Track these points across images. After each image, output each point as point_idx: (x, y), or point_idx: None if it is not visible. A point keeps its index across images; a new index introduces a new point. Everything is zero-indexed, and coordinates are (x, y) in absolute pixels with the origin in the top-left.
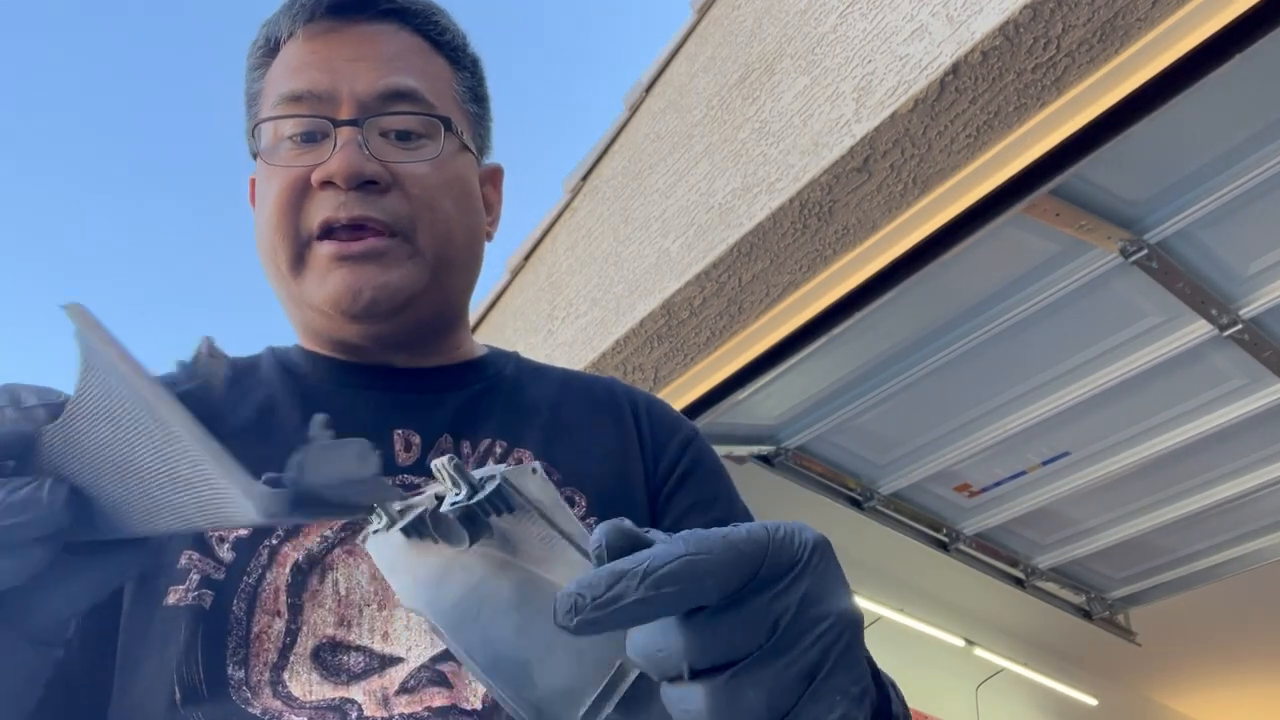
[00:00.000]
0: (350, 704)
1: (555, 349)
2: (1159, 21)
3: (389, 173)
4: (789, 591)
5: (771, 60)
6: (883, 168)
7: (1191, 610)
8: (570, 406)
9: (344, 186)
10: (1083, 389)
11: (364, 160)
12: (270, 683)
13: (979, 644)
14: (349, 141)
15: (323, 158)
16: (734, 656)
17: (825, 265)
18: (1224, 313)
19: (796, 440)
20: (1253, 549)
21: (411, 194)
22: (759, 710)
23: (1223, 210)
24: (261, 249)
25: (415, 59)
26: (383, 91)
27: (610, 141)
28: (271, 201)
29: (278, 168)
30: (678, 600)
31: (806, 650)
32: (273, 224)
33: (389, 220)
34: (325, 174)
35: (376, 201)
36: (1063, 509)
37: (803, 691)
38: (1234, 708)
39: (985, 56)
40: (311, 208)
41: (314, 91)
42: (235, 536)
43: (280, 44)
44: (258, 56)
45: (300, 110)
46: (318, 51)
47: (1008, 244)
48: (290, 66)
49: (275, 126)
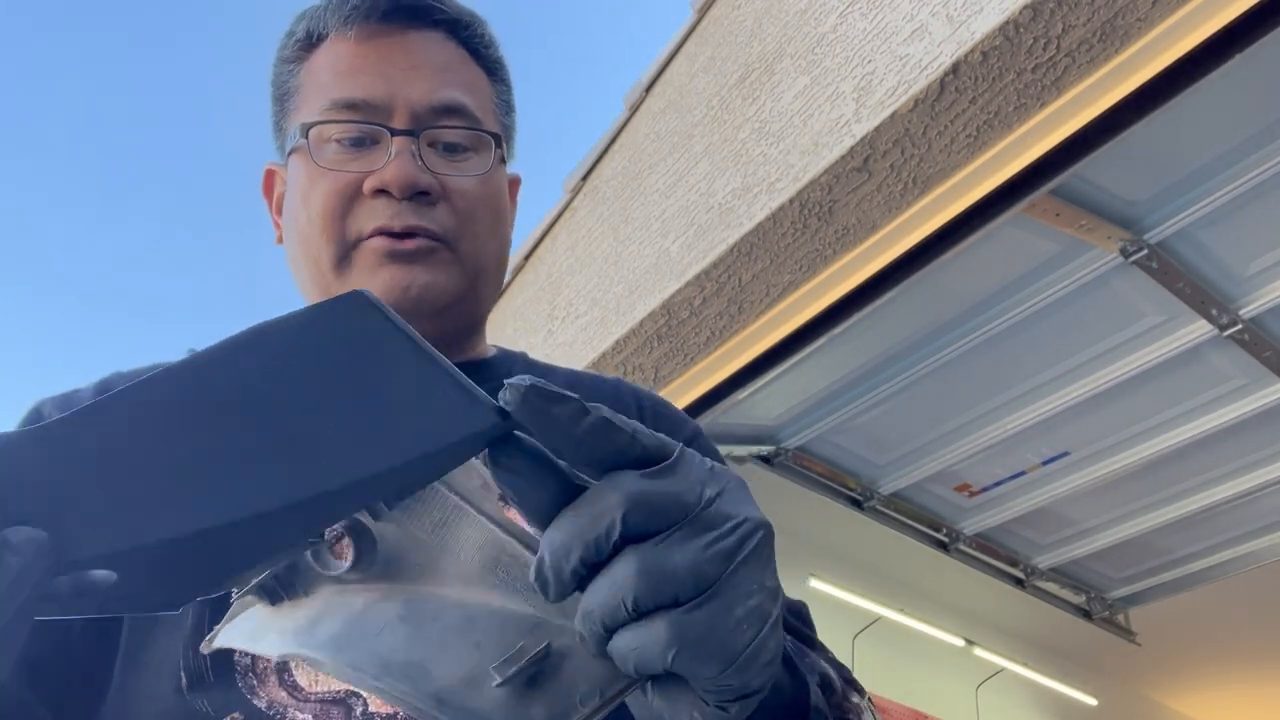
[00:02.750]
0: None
1: (555, 349)
2: (1159, 21)
3: (440, 185)
4: (711, 480)
5: (771, 60)
6: (883, 168)
7: (1191, 610)
8: None
9: (398, 196)
10: (1083, 389)
11: (419, 171)
12: (276, 670)
13: (979, 644)
14: (404, 151)
15: (373, 164)
16: (667, 522)
17: (825, 265)
18: (1224, 313)
19: (796, 440)
20: (1252, 549)
21: (458, 207)
22: (683, 576)
23: (1222, 210)
24: (299, 244)
25: (463, 71)
26: (436, 104)
27: (610, 141)
28: (319, 203)
29: (324, 170)
30: (608, 434)
31: (727, 534)
32: (319, 225)
33: (438, 231)
34: (380, 182)
35: (428, 212)
36: (1062, 509)
37: (723, 570)
38: (1234, 708)
39: (985, 56)
40: (362, 213)
41: (369, 100)
42: None
43: (320, 40)
44: (293, 49)
45: (355, 117)
46: (369, 57)
47: (1008, 244)
48: (340, 69)
49: (322, 127)
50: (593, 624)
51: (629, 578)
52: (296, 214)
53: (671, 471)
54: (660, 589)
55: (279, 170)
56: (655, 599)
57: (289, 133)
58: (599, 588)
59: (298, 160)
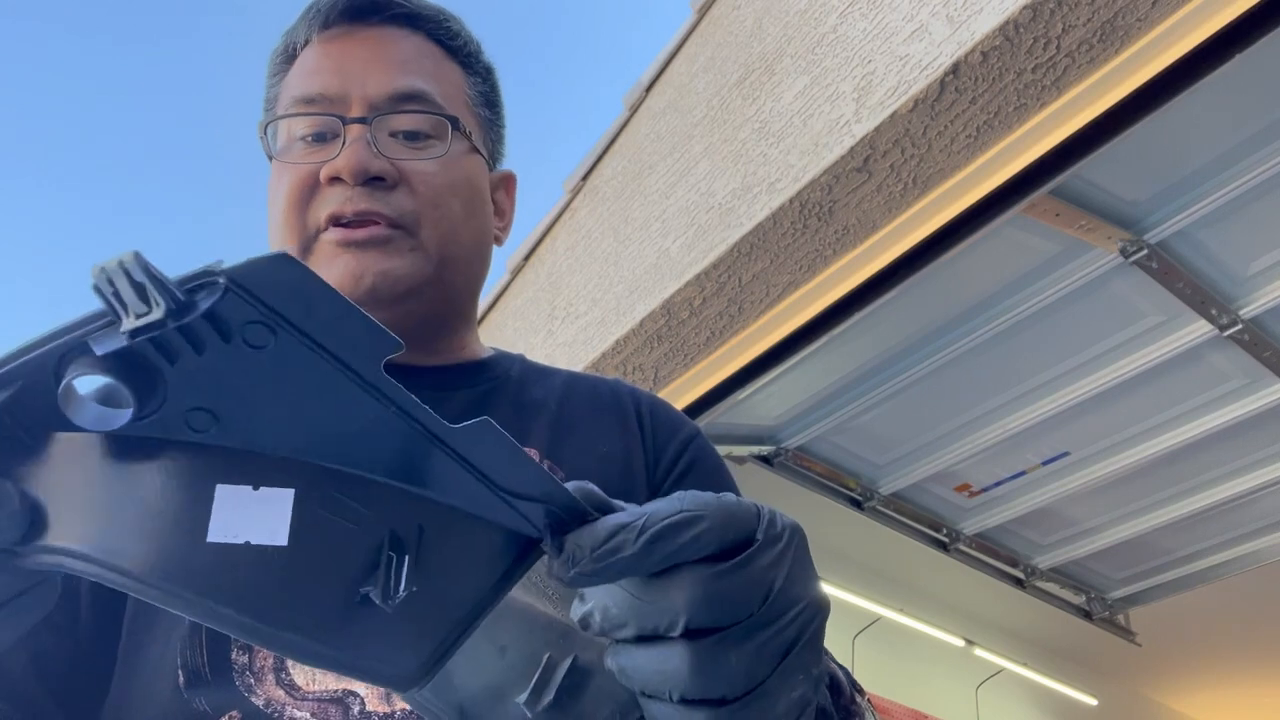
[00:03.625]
0: (353, 696)
1: (555, 349)
2: (1159, 22)
3: (396, 170)
4: (780, 563)
5: (771, 60)
6: (883, 168)
7: (1191, 610)
8: (575, 406)
9: (351, 182)
10: (1083, 389)
11: (371, 156)
12: (274, 669)
13: (979, 644)
14: (357, 139)
15: (332, 155)
16: (731, 619)
17: (825, 265)
18: (1224, 313)
19: (796, 440)
20: (1252, 549)
21: (418, 191)
22: (737, 677)
23: (1223, 210)
24: (272, 241)
25: (427, 62)
26: (393, 93)
27: (610, 142)
28: (282, 197)
29: (288, 165)
30: (674, 553)
31: (787, 626)
32: (282, 218)
33: (394, 215)
34: (333, 170)
35: (383, 198)
36: (1063, 509)
37: (776, 665)
38: (1234, 708)
39: (985, 57)
40: (319, 203)
41: (325, 94)
42: None
43: (298, 50)
44: (277, 63)
45: (311, 110)
46: (331, 55)
47: (1008, 244)
48: (304, 70)
49: (288, 127)
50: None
51: (681, 673)
52: (270, 212)
53: (745, 566)
54: (711, 688)
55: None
56: (704, 695)
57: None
58: (646, 661)
59: (273, 163)
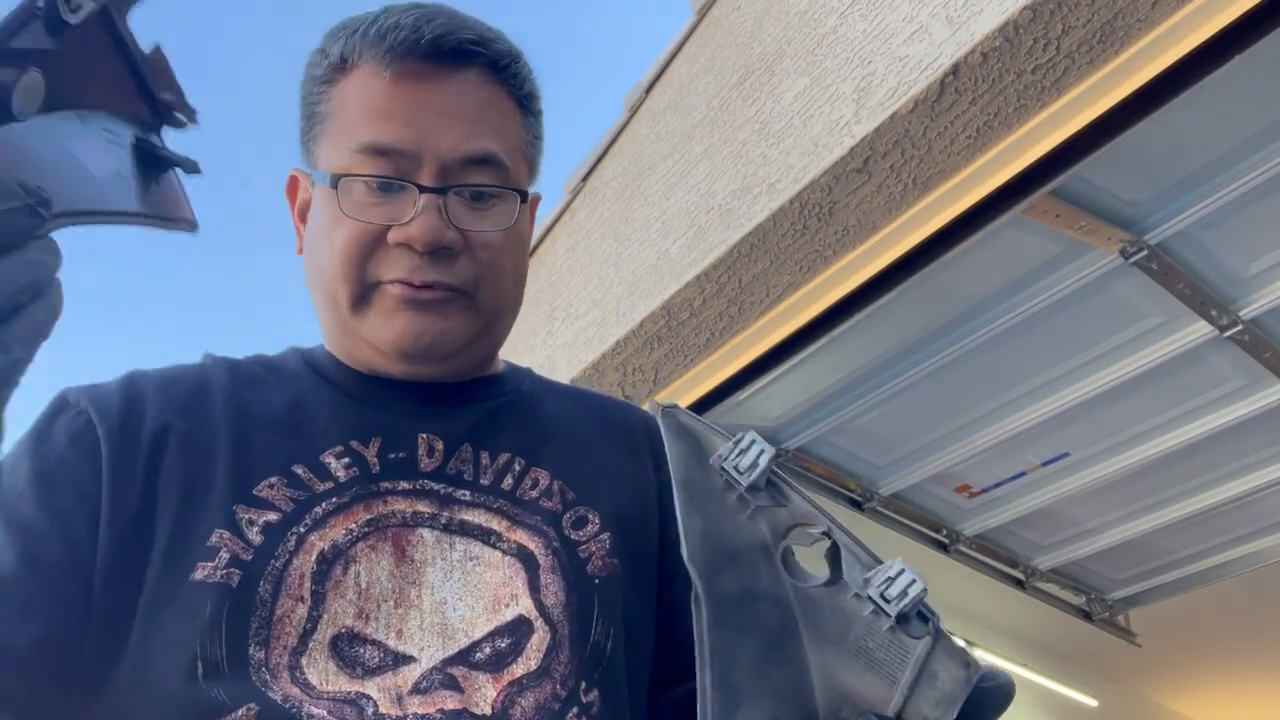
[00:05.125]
0: (365, 699)
1: (555, 350)
2: (1159, 22)
3: (463, 239)
4: None
5: (771, 61)
6: (883, 169)
7: (1191, 611)
8: (586, 426)
9: (421, 251)
10: (1083, 390)
11: (444, 228)
12: (289, 666)
13: (979, 645)
14: (430, 208)
15: (398, 214)
16: None
17: (825, 266)
18: (1224, 314)
19: (796, 441)
20: (1253, 550)
21: (479, 258)
22: None
23: (1223, 211)
24: (319, 277)
25: (495, 116)
26: (466, 155)
27: (610, 143)
28: (340, 247)
29: (347, 217)
30: None
31: None
32: (338, 267)
33: (457, 283)
34: (405, 237)
35: (448, 267)
36: (1063, 510)
37: None
38: (1234, 708)
39: (985, 57)
40: (383, 262)
41: (398, 147)
42: (265, 521)
43: (352, 66)
44: (325, 70)
45: (384, 165)
46: (402, 99)
47: (1007, 245)
48: (372, 108)
49: (349, 163)
50: None
51: None
52: (318, 245)
53: None
54: None
55: (303, 177)
56: None
57: (316, 156)
58: None
59: (323, 195)
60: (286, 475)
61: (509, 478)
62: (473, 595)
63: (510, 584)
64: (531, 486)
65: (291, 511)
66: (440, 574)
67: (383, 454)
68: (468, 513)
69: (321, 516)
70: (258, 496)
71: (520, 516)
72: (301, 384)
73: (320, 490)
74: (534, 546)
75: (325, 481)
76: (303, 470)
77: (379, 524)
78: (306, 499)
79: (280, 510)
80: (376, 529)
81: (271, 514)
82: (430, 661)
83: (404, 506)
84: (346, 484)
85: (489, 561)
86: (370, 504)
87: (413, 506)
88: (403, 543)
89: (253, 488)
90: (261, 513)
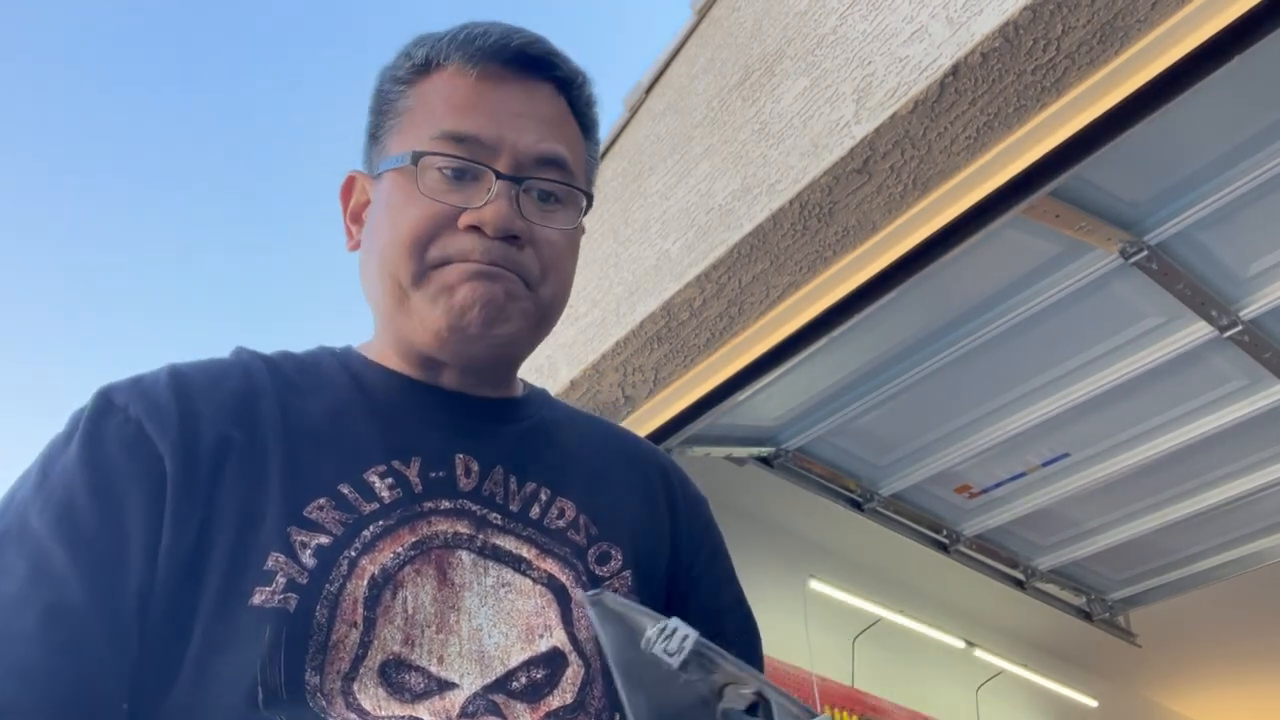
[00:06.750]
0: None
1: (555, 349)
2: (1159, 23)
3: (530, 232)
4: None
5: (771, 62)
6: (883, 169)
7: (1191, 611)
8: (603, 458)
9: (491, 235)
10: (1083, 390)
11: (514, 216)
12: (341, 692)
13: (979, 645)
14: (503, 194)
15: (471, 199)
16: None
17: (825, 266)
18: (1224, 314)
19: (797, 441)
20: (1253, 550)
21: (543, 255)
22: None
23: (1222, 212)
24: (376, 257)
25: (564, 126)
26: (540, 154)
27: (610, 143)
28: (409, 224)
29: (422, 196)
30: None
31: None
32: (404, 244)
33: (522, 274)
34: (477, 219)
35: (515, 255)
36: (1063, 510)
37: None
38: (1234, 708)
39: (985, 58)
40: (450, 243)
41: (479, 137)
42: (316, 544)
43: (436, 67)
44: (407, 71)
45: (463, 151)
46: (485, 96)
47: (1007, 245)
48: (455, 102)
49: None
50: None
51: None
52: (380, 228)
53: None
54: None
55: (363, 179)
56: None
57: (387, 148)
58: None
59: (395, 178)
60: (334, 497)
61: (536, 506)
62: (506, 623)
63: (543, 614)
64: (558, 516)
65: (342, 535)
66: (476, 599)
67: (424, 473)
68: (499, 538)
69: (370, 540)
70: (309, 518)
71: (549, 546)
72: (338, 392)
73: (367, 512)
74: (565, 579)
75: (371, 503)
76: (349, 490)
77: (423, 546)
78: (355, 521)
79: (331, 534)
80: (421, 551)
81: (323, 537)
82: (472, 688)
83: (446, 527)
84: (391, 505)
85: (520, 589)
86: (415, 526)
87: (454, 527)
88: (444, 565)
89: (303, 508)
90: (314, 535)
